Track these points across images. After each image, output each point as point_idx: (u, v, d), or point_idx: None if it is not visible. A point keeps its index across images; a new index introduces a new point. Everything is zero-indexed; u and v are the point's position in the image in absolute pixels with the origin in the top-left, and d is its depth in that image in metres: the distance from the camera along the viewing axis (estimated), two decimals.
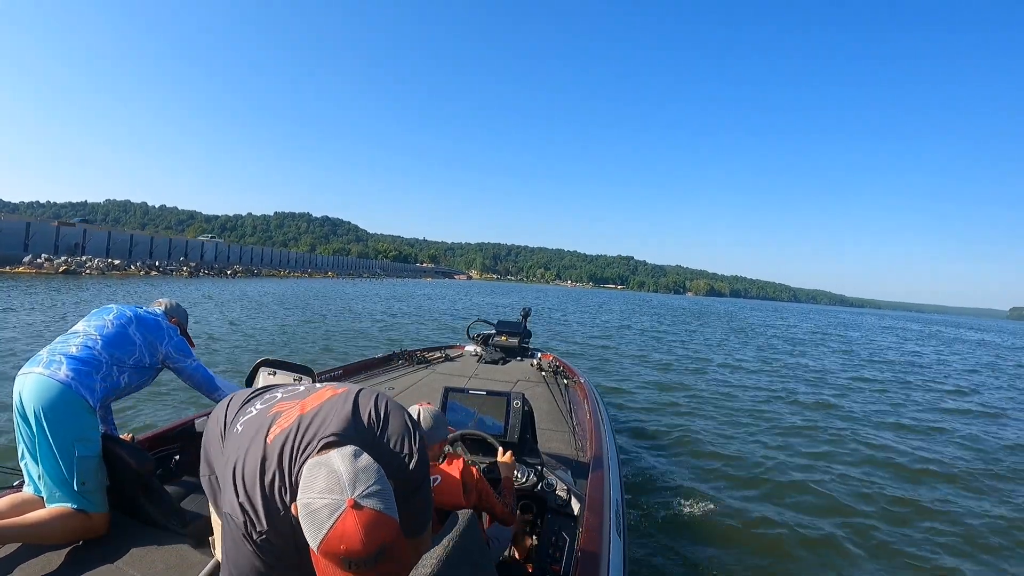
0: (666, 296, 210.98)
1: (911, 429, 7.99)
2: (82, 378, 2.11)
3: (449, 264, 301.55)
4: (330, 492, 1.02)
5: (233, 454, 1.26)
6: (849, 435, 7.23)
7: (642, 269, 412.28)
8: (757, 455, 6.03)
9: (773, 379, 11.88)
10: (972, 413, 9.61)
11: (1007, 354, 25.65)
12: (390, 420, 1.33)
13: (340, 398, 1.33)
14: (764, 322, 38.60)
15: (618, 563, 2.15)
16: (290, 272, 65.65)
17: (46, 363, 2.11)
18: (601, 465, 2.79)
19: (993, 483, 5.72)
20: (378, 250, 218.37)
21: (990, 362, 20.58)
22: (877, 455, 6.38)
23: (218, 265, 52.91)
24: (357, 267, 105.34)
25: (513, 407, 2.62)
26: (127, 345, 2.33)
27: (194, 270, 45.24)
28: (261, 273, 56.97)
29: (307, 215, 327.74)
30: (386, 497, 1.05)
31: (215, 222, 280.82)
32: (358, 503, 1.00)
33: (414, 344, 8.91)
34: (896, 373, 14.69)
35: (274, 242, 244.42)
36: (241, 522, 1.18)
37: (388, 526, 1.02)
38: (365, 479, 1.05)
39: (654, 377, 10.98)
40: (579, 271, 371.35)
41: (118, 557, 1.92)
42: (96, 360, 2.20)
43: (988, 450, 7.03)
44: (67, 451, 2.03)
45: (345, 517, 0.99)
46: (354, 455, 1.10)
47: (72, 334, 2.29)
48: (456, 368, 5.42)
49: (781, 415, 8.17)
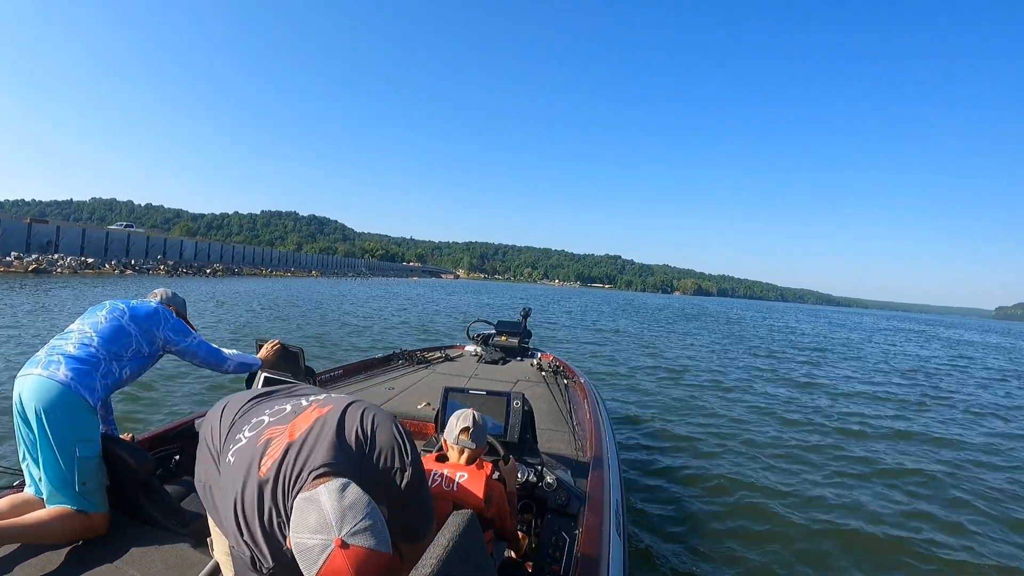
0: (654, 295, 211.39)
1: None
2: (81, 377, 2.11)
3: (437, 263, 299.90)
4: (319, 531, 1.03)
5: (230, 489, 1.26)
6: (849, 435, 7.22)
7: (630, 268, 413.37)
8: (758, 455, 6.03)
9: (777, 383, 11.70)
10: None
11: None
12: (377, 436, 1.32)
13: (326, 419, 1.32)
14: (763, 323, 38.17)
15: (618, 563, 2.16)
16: (272, 271, 65.01)
17: (44, 364, 2.10)
18: (601, 465, 2.80)
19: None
20: (365, 249, 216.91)
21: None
22: (897, 468, 6.09)
23: (197, 264, 52.34)
24: (342, 266, 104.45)
25: (513, 407, 2.62)
26: (123, 338, 2.33)
27: (172, 269, 44.66)
28: (242, 272, 56.36)
29: (294, 214, 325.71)
30: (376, 532, 1.05)
31: (201, 221, 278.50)
32: (345, 542, 1.00)
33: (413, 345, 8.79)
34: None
35: (260, 241, 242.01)
36: (248, 558, 1.20)
37: (377, 562, 1.02)
38: (352, 516, 1.04)
39: (653, 377, 10.97)
40: (567, 270, 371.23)
41: (118, 557, 1.94)
42: (94, 358, 2.20)
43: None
44: (68, 451, 2.04)
45: (334, 557, 0.99)
46: (341, 489, 1.10)
47: (68, 333, 2.29)
48: (456, 368, 5.40)
49: (781, 416, 8.18)
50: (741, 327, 29.48)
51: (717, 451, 6.08)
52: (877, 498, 5.06)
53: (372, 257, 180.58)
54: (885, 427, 7.88)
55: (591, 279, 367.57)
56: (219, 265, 55.14)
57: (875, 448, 6.72)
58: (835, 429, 7.54)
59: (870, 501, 4.96)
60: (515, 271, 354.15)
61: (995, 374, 16.37)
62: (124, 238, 45.91)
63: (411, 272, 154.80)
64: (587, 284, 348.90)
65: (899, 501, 5.03)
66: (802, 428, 7.48)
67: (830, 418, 8.23)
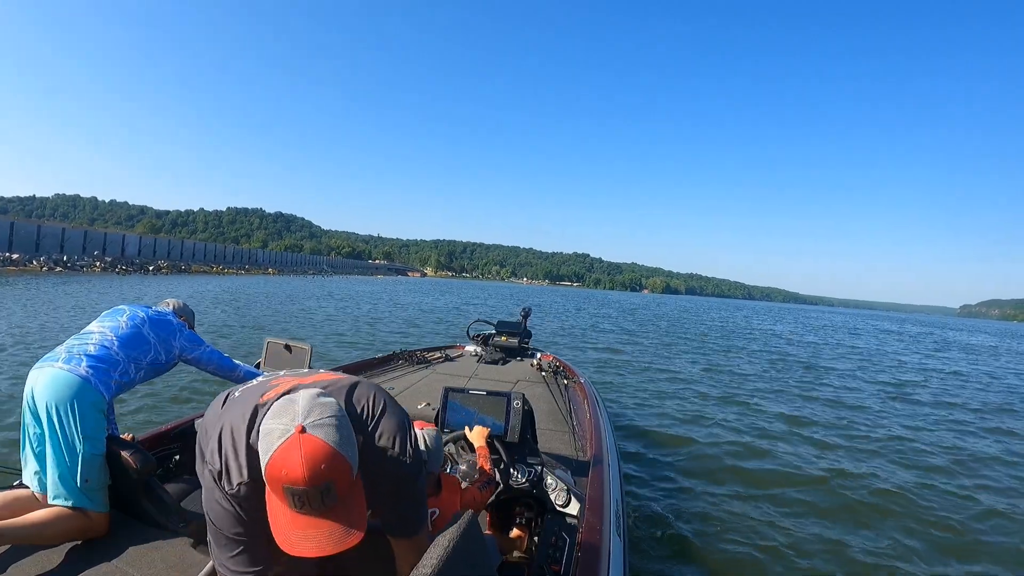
0: (623, 294, 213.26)
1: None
2: (100, 375, 2.17)
3: (404, 261, 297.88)
4: (285, 417, 1.05)
5: (227, 415, 1.27)
6: (851, 435, 7.24)
7: (598, 266, 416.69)
8: (758, 456, 6.06)
9: (772, 381, 11.68)
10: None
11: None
12: (384, 418, 1.30)
13: (339, 381, 1.34)
14: (747, 323, 37.71)
15: (618, 563, 2.16)
16: (224, 268, 63.52)
17: (65, 359, 2.15)
18: (601, 465, 2.81)
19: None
20: (331, 246, 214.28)
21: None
22: (904, 461, 6.18)
23: (140, 261, 50.72)
24: (302, 263, 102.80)
25: (513, 407, 2.62)
26: (143, 345, 2.40)
27: (109, 266, 43.21)
28: (191, 270, 54.87)
29: (260, 211, 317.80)
30: (340, 433, 1.05)
31: (166, 217, 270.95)
32: (305, 428, 1.01)
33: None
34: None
35: (226, 238, 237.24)
36: (218, 471, 1.19)
37: (333, 460, 1.02)
38: (320, 412, 1.06)
39: (653, 377, 10.97)
40: (535, 268, 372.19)
41: (118, 557, 1.94)
42: (114, 359, 2.26)
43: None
44: (73, 447, 2.07)
45: (291, 440, 1.00)
46: (319, 393, 1.12)
47: (87, 334, 2.34)
48: (456, 368, 5.40)
49: (781, 416, 8.15)
50: (727, 329, 29.00)
51: (717, 451, 6.10)
52: (878, 498, 5.06)
53: (338, 255, 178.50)
54: (891, 434, 7.59)
55: (560, 277, 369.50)
56: (165, 262, 53.59)
57: (884, 451, 6.67)
58: (838, 429, 7.56)
59: (870, 501, 4.98)
60: (483, 269, 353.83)
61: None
62: (58, 232, 44.37)
63: (376, 270, 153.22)
64: (556, 282, 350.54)
65: (901, 503, 5.00)
66: (802, 428, 7.48)
67: (832, 418, 8.24)
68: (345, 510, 1.06)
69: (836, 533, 4.31)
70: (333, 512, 1.04)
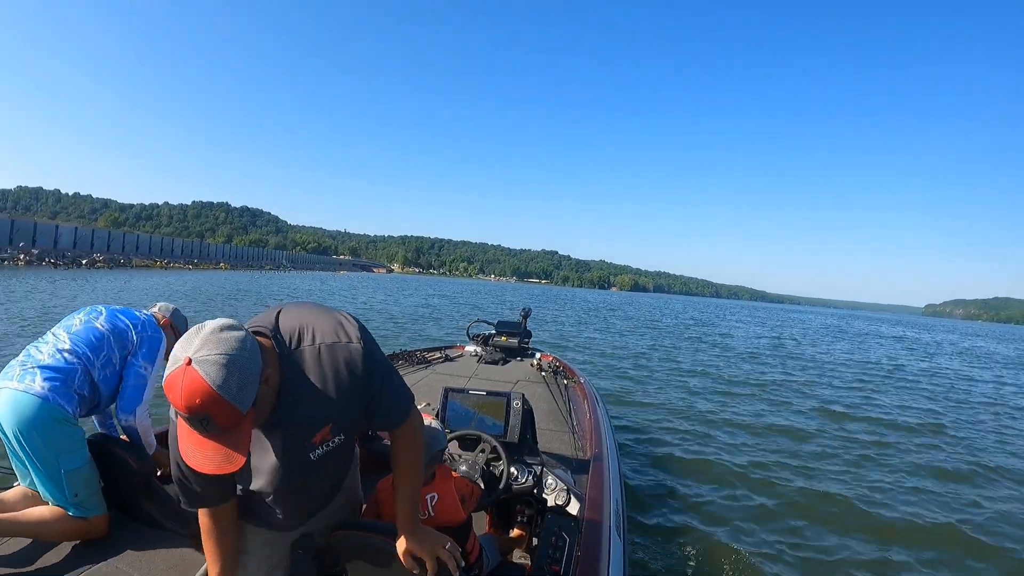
0: (591, 291, 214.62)
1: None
2: (58, 388, 2.03)
3: (371, 257, 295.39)
4: (185, 344, 1.06)
5: None
6: (851, 435, 7.31)
7: (567, 264, 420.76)
8: (758, 455, 6.10)
9: (768, 380, 11.92)
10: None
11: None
12: (315, 322, 1.31)
13: (283, 308, 1.36)
14: (727, 321, 38.28)
15: (618, 563, 2.17)
16: (169, 263, 60.74)
17: (19, 376, 2.02)
18: (601, 465, 2.82)
19: None
20: (296, 241, 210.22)
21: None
22: (909, 473, 6.03)
23: (73, 253, 47.78)
24: (259, 257, 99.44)
25: (513, 407, 2.61)
26: (95, 339, 2.23)
27: (35, 259, 40.56)
28: (131, 264, 52.18)
29: (226, 205, 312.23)
30: (225, 371, 1.03)
31: (130, 211, 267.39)
32: (192, 361, 1.02)
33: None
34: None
35: (191, 232, 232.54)
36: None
37: (208, 397, 1.02)
38: (211, 347, 1.04)
39: (653, 378, 11.05)
40: (503, 265, 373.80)
41: (118, 557, 1.96)
42: (68, 365, 2.10)
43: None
44: (53, 467, 2.00)
45: (178, 371, 1.02)
46: (224, 327, 1.09)
47: (42, 341, 2.21)
48: (456, 368, 5.39)
49: (781, 416, 8.24)
50: (713, 329, 29.16)
51: (717, 451, 6.13)
52: (878, 498, 5.10)
53: (304, 250, 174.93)
54: (892, 436, 7.70)
55: (528, 274, 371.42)
56: (101, 256, 50.73)
57: (884, 451, 6.74)
58: (840, 430, 7.63)
59: (870, 502, 4.99)
60: (450, 266, 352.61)
61: None
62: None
63: (340, 266, 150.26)
64: (524, 279, 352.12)
65: (900, 505, 5.01)
66: (803, 428, 7.54)
67: (835, 420, 8.28)
68: (227, 439, 1.08)
69: (836, 533, 4.31)
70: (216, 438, 1.07)
